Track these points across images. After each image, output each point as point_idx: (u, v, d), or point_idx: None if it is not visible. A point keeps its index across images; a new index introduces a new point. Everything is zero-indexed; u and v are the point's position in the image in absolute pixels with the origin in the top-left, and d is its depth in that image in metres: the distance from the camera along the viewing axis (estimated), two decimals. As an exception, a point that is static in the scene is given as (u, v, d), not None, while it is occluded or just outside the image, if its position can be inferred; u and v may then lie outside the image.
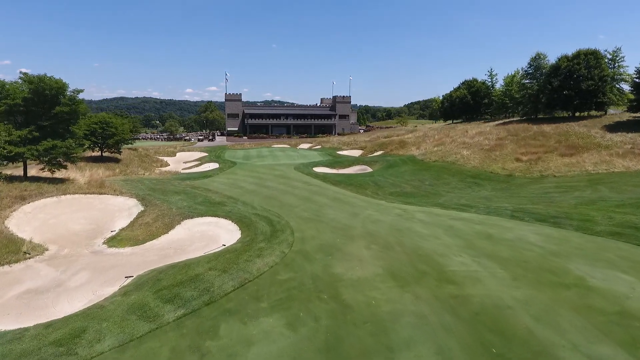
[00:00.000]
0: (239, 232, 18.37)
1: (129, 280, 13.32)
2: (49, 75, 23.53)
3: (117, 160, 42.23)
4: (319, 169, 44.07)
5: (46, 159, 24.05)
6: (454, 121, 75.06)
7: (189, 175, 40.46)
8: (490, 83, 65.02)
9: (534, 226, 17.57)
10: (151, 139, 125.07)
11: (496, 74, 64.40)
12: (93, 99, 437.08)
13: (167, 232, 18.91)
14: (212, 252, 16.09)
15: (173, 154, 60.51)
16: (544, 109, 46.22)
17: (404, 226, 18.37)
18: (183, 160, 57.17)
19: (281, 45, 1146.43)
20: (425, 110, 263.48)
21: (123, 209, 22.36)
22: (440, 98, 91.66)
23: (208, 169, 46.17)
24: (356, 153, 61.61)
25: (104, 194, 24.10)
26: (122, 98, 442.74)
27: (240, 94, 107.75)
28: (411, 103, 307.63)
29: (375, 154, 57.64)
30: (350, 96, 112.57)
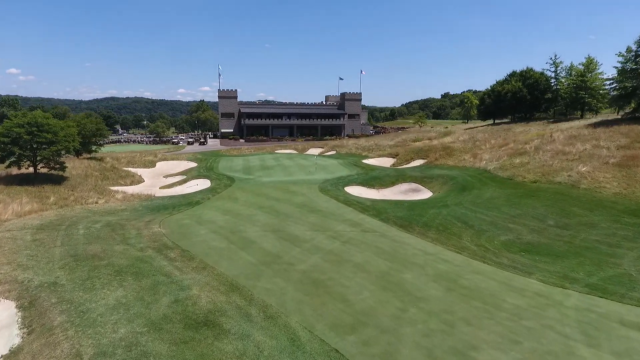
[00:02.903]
0: None
1: None
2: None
3: (60, 180, 28.78)
4: (354, 190, 30.98)
5: None
6: (496, 121, 62.25)
7: (166, 202, 27.15)
8: (553, 73, 52.29)
9: None
10: (135, 141, 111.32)
11: (561, 62, 51.77)
12: (83, 99, 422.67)
13: None
14: None
15: (152, 164, 46.92)
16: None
17: None
18: (164, 172, 43.68)
19: (274, 44, 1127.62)
20: (425, 109, 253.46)
21: (-33, 344, 9.02)
22: (473, 93, 79.52)
23: (195, 189, 32.82)
24: (386, 162, 48.58)
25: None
26: (112, 98, 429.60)
27: (236, 90, 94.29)
28: (409, 102, 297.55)
29: (413, 163, 44.70)
30: (361, 93, 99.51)
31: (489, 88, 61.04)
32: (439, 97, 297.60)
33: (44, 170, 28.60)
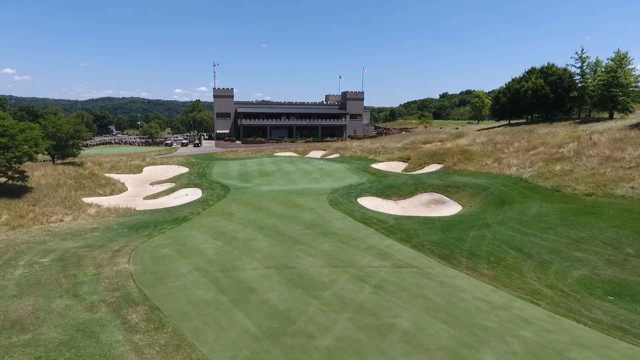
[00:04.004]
0: None
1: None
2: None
3: (21, 192, 24.21)
4: (368, 202, 26.64)
5: None
6: (512, 122, 58.08)
7: (147, 218, 22.74)
8: (579, 69, 48.05)
9: None
10: (127, 142, 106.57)
11: (588, 57, 47.47)
12: (79, 99, 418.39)
13: None
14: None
15: (138, 170, 42.35)
16: None
17: None
18: (151, 179, 39.16)
19: (272, 44, 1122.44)
20: (423, 109, 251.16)
21: None
22: (485, 92, 75.34)
23: (184, 200, 28.37)
24: (397, 166, 44.27)
25: None
26: (108, 98, 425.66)
27: (232, 89, 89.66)
28: (407, 102, 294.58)
29: (428, 169, 40.44)
30: (363, 92, 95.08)
31: (504, 86, 56.79)
32: (437, 97, 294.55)
33: (2, 179, 24.05)
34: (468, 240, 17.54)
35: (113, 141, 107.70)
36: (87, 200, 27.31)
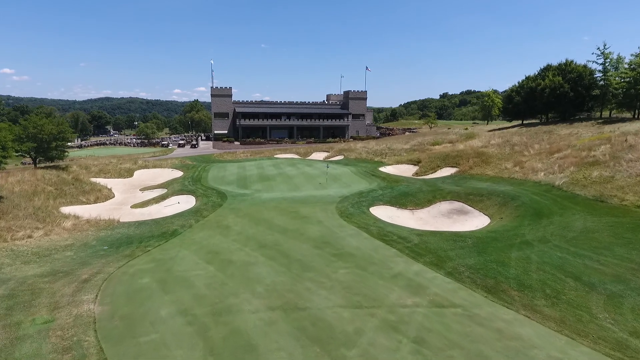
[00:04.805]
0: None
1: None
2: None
3: (-13, 202, 21.28)
4: (382, 212, 23.66)
5: None
6: (525, 122, 55.18)
7: (132, 232, 19.76)
8: (601, 66, 44.97)
9: None
10: (122, 143, 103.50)
11: (610, 53, 44.50)
12: (77, 99, 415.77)
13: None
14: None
15: (128, 174, 39.27)
16: None
17: None
18: (142, 184, 36.10)
19: (271, 44, 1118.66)
20: (423, 109, 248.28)
21: None
22: (492, 90, 72.32)
23: (175, 210, 25.37)
24: (407, 170, 41.28)
25: None
26: (107, 98, 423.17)
27: (231, 88, 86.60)
28: (407, 102, 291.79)
29: (441, 172, 37.45)
30: (366, 91, 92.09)
31: (517, 84, 53.88)
32: (437, 97, 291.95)
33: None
34: (512, 265, 14.56)
35: (108, 142, 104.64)
36: (66, 210, 24.31)
